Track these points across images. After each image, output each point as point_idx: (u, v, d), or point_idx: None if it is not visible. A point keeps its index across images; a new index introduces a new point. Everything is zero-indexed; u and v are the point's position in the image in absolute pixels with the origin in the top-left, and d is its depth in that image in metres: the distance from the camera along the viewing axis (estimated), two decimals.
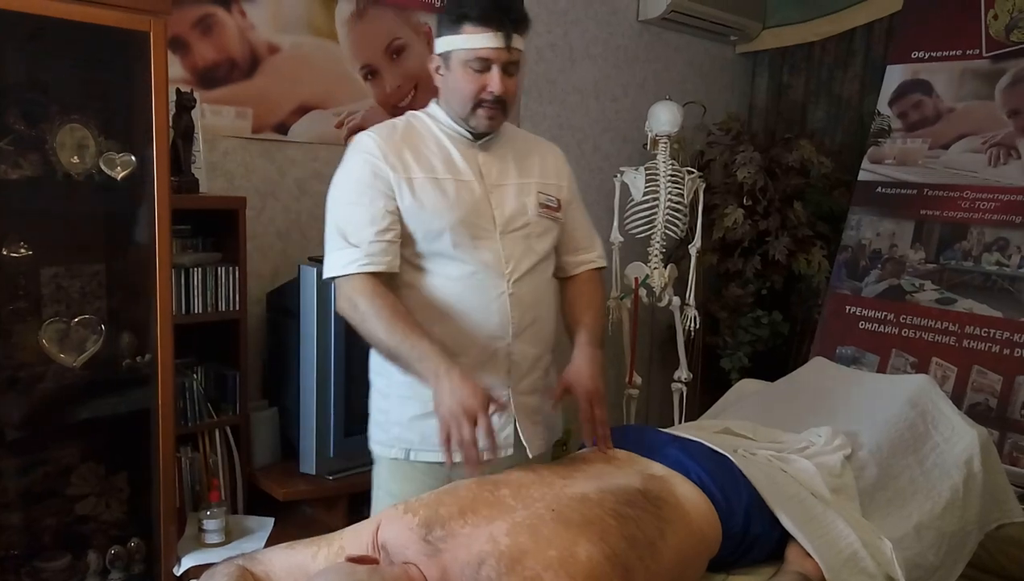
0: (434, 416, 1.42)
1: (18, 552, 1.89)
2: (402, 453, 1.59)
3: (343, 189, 1.54)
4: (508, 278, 1.54)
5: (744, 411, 2.08)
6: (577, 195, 1.74)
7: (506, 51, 1.48)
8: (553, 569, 1.12)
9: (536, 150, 1.69)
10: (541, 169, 1.66)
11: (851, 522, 1.53)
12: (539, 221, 1.61)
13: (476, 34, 1.47)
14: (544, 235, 1.62)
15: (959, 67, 3.22)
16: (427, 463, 1.56)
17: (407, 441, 1.58)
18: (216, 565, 1.28)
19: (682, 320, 3.09)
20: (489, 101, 1.51)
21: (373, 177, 1.50)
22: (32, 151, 1.78)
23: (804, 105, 3.94)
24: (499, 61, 1.49)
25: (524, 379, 1.59)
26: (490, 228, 1.54)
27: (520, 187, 1.60)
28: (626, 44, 3.56)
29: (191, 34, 2.33)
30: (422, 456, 1.57)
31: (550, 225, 1.63)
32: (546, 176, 1.66)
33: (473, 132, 1.57)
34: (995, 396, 2.88)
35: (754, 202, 3.43)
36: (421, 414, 1.53)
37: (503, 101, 1.52)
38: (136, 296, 1.94)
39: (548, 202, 1.63)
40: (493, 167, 1.59)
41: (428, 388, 1.41)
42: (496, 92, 1.49)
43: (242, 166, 2.48)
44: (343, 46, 2.65)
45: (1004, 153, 3.06)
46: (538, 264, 1.60)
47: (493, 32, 1.46)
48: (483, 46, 1.47)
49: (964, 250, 3.08)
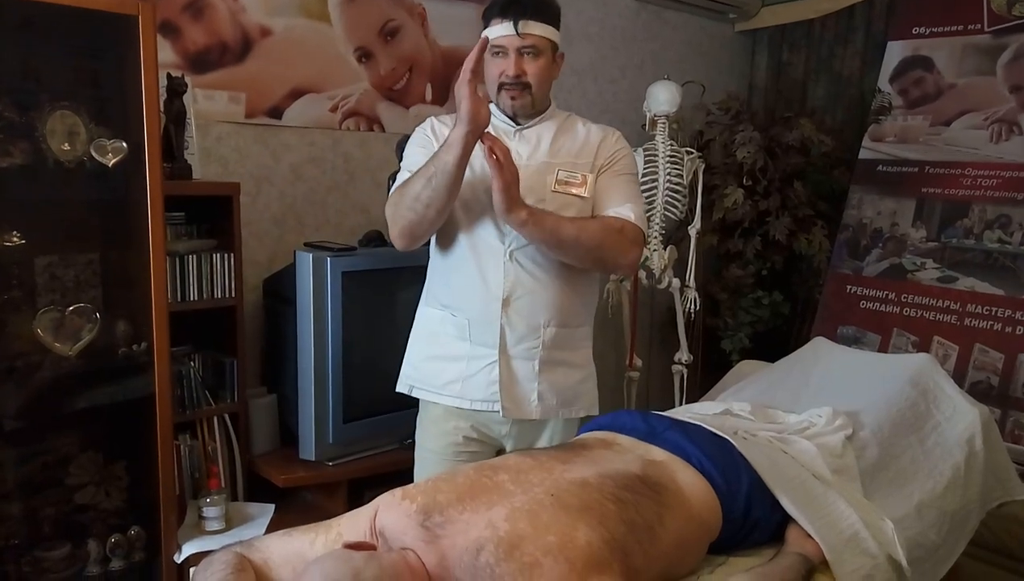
0: (433, 361, 1.78)
1: (18, 542, 1.89)
2: (406, 387, 1.84)
3: (406, 153, 1.77)
4: (506, 248, 1.69)
5: (745, 392, 2.07)
6: (621, 169, 1.78)
7: (517, 37, 1.63)
8: (552, 554, 1.11)
9: (578, 132, 1.79)
10: (575, 149, 1.76)
11: (852, 503, 1.52)
12: (554, 197, 1.70)
13: (495, 25, 1.65)
14: (560, 211, 1.68)
15: (960, 43, 3.18)
16: (435, 413, 1.80)
17: (411, 378, 1.83)
18: (213, 553, 1.27)
19: (682, 302, 3.08)
20: (508, 83, 1.67)
21: (427, 139, 1.74)
22: (22, 139, 1.76)
23: (804, 83, 3.91)
24: (512, 47, 1.65)
25: (516, 346, 1.72)
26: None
27: (544, 166, 1.72)
28: (623, 24, 3.52)
29: (181, 18, 2.30)
30: (419, 394, 1.82)
31: (570, 200, 1.71)
32: (579, 155, 1.75)
33: (513, 118, 1.74)
34: (997, 374, 2.87)
35: (754, 182, 3.41)
36: (426, 356, 1.80)
37: (523, 83, 1.67)
38: (131, 284, 1.92)
39: (569, 178, 1.72)
40: (524, 149, 1.73)
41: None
42: (510, 74, 1.66)
43: (236, 151, 2.46)
44: (336, 28, 2.62)
45: (1006, 129, 3.03)
46: None
47: (505, 22, 1.64)
48: (496, 35, 1.65)
49: (965, 228, 3.06)
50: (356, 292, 2.20)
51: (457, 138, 1.52)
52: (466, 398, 1.75)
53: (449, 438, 1.79)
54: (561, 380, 1.77)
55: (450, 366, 1.76)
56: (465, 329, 1.73)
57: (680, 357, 3.12)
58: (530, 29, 1.64)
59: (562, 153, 1.75)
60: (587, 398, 1.82)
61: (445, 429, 1.79)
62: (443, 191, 1.57)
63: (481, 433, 1.80)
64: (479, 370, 1.72)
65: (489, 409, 1.74)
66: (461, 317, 1.73)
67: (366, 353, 2.24)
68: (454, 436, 1.79)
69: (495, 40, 1.65)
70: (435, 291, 1.81)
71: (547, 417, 1.78)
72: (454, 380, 1.75)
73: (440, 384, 1.77)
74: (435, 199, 1.58)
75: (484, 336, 1.71)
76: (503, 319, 1.70)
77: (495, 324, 1.70)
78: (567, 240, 1.63)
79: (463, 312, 1.73)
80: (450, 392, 1.76)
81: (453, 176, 1.55)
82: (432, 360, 1.79)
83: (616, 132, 1.83)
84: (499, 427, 1.78)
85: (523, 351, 1.72)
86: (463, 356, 1.74)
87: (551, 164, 1.72)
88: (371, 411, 2.28)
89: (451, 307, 1.75)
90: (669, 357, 3.21)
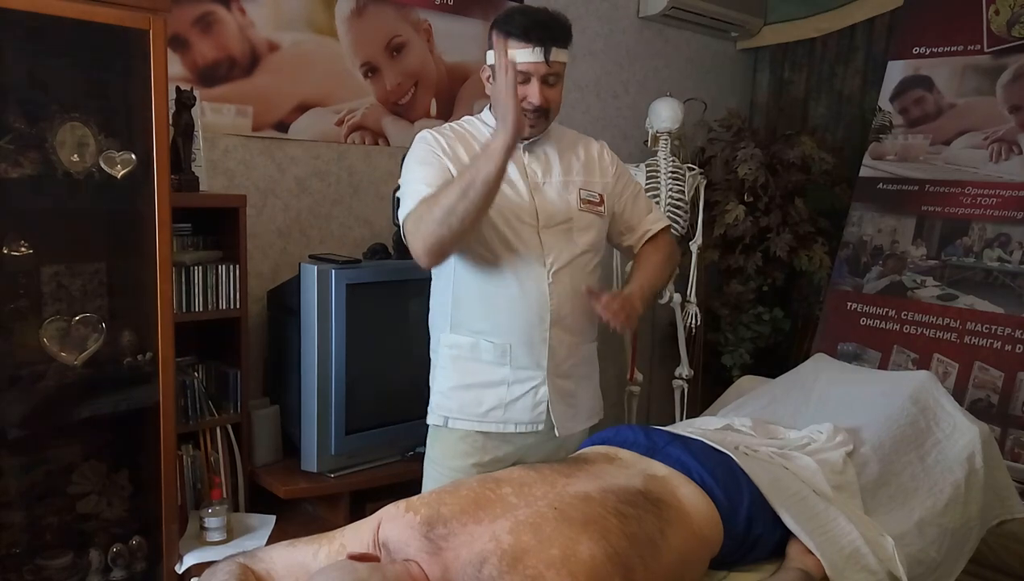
0: (471, 389, 1.70)
1: (20, 550, 1.89)
2: (441, 420, 1.74)
3: (411, 168, 1.68)
4: (548, 269, 1.67)
5: (745, 408, 2.08)
6: (627, 179, 1.86)
7: (545, 64, 1.61)
8: (555, 567, 1.12)
9: (577, 147, 1.80)
10: (583, 166, 1.78)
11: (853, 519, 1.53)
12: (581, 216, 1.72)
13: (520, 49, 1.59)
14: (587, 229, 1.72)
15: (960, 63, 3.21)
16: (463, 431, 1.72)
17: (446, 409, 1.74)
18: (218, 563, 1.28)
19: (683, 317, 3.09)
20: (529, 111, 1.62)
21: (435, 156, 1.66)
22: (32, 149, 1.78)
23: (805, 101, 3.93)
24: (538, 74, 1.62)
25: (562, 364, 1.71)
26: (533, 223, 1.67)
27: (563, 184, 1.72)
28: (627, 41, 3.55)
29: (191, 32, 2.32)
30: (458, 424, 1.72)
31: (593, 219, 1.74)
32: (590, 173, 1.78)
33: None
34: (996, 392, 2.88)
35: (755, 198, 3.42)
36: (459, 385, 1.72)
37: (543, 109, 1.65)
38: (137, 294, 1.93)
39: (590, 197, 1.74)
40: (537, 167, 1.72)
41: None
42: (535, 103, 1.63)
43: (242, 164, 2.47)
44: (343, 43, 2.65)
45: (1005, 149, 3.06)
46: (579, 256, 1.71)
47: (533, 47, 1.59)
48: (523, 60, 1.59)
49: (965, 246, 3.08)
50: (360, 304, 2.21)
51: (500, 148, 1.45)
52: (510, 422, 1.71)
53: (477, 457, 1.73)
54: (591, 390, 1.83)
55: (489, 392, 1.70)
56: (506, 354, 1.68)
57: (681, 372, 3.12)
58: (557, 56, 1.63)
59: (575, 169, 1.76)
60: (600, 404, 1.88)
61: (476, 451, 1.73)
62: (481, 202, 1.49)
63: (514, 454, 1.76)
64: (523, 394, 1.70)
65: (533, 430, 1.72)
66: (501, 341, 1.68)
67: (369, 365, 2.25)
68: (481, 456, 1.73)
69: (520, 65, 1.58)
70: (464, 318, 1.72)
71: (587, 427, 1.82)
72: (495, 406, 1.70)
73: (481, 413, 1.71)
74: (471, 212, 1.49)
75: (528, 359, 1.68)
76: (552, 340, 1.68)
77: (542, 346, 1.68)
78: (664, 285, 1.78)
79: (504, 336, 1.68)
80: (493, 419, 1.71)
81: (494, 187, 1.49)
82: (467, 389, 1.72)
83: (603, 143, 1.87)
84: (540, 447, 1.75)
85: (568, 369, 1.73)
86: (503, 381, 1.70)
87: (570, 182, 1.73)
88: (374, 423, 2.29)
89: (487, 333, 1.69)
90: (670, 372, 3.22)
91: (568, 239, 1.70)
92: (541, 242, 1.66)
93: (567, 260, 1.69)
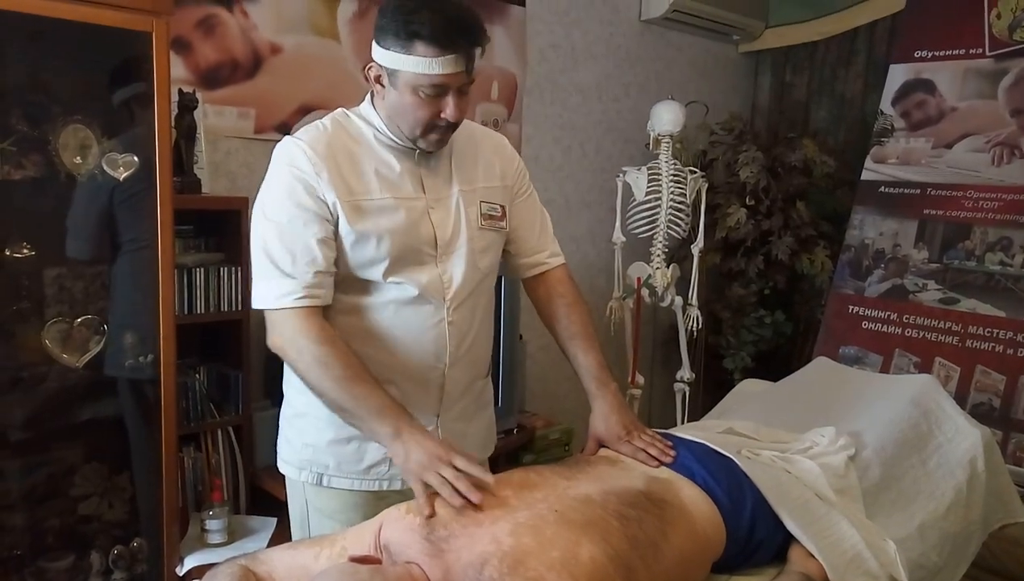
0: (351, 442, 1.45)
1: (22, 552, 1.89)
2: (314, 477, 1.50)
3: (273, 207, 1.38)
4: (448, 305, 1.45)
5: (747, 411, 2.07)
6: (527, 186, 1.62)
7: (465, 75, 1.33)
8: (556, 570, 1.12)
9: (479, 149, 1.55)
10: (484, 172, 1.54)
11: (855, 523, 1.52)
12: (481, 234, 1.49)
13: (431, 58, 1.28)
14: (487, 250, 1.51)
15: (962, 66, 3.21)
16: (339, 490, 1.49)
17: (321, 465, 1.49)
18: (218, 565, 1.28)
19: (684, 320, 3.09)
20: (443, 127, 1.37)
21: (307, 196, 1.36)
22: (35, 152, 1.79)
23: (807, 104, 3.94)
24: (455, 85, 1.33)
25: (455, 405, 1.53)
26: (431, 251, 1.44)
27: (462, 197, 1.48)
28: (628, 44, 3.55)
29: (193, 34, 2.33)
30: (335, 482, 1.49)
31: (494, 238, 1.53)
32: (490, 179, 1.54)
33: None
34: (998, 396, 2.87)
35: (757, 202, 3.43)
36: (337, 438, 1.47)
37: (456, 124, 1.40)
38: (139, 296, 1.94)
39: (491, 212, 1.51)
40: (436, 179, 1.46)
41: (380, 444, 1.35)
42: (452, 119, 1.35)
43: (244, 166, 2.48)
44: (345, 46, 2.65)
45: (1007, 152, 3.05)
46: (480, 283, 1.51)
47: (451, 56, 1.29)
48: (440, 72, 1.29)
49: (967, 250, 3.07)
50: None
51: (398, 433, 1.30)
52: (396, 478, 1.48)
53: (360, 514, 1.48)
54: (484, 423, 1.64)
55: (372, 445, 1.45)
56: None
57: (682, 375, 3.12)
58: (479, 62, 1.34)
59: (478, 177, 1.52)
60: (493, 434, 1.71)
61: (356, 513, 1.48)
62: (338, 415, 1.36)
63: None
64: None
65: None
66: (391, 390, 1.38)
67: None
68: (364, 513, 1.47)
69: (434, 78, 1.30)
70: None
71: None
72: (379, 461, 1.48)
73: (361, 469, 1.48)
74: (329, 407, 1.36)
75: (420, 406, 1.44)
76: (446, 384, 1.49)
77: (434, 391, 1.48)
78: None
79: (392, 383, 1.41)
80: (375, 476, 1.49)
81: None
82: (344, 443, 1.47)
83: (502, 138, 1.62)
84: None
85: (460, 410, 1.55)
86: None
87: (469, 193, 1.49)
88: None
89: None
90: (671, 375, 3.22)
91: (470, 263, 1.47)
92: (440, 273, 1.44)
93: (470, 290, 1.47)
